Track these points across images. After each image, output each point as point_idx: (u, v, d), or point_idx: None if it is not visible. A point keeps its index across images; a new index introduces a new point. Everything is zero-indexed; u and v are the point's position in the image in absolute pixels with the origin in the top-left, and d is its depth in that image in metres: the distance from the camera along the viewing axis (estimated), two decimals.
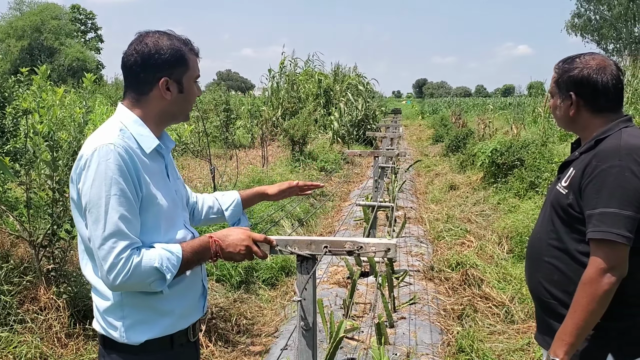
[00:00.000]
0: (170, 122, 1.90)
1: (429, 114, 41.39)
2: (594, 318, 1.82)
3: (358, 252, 1.84)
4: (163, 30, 1.82)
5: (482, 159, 10.51)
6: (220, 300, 5.07)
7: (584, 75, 1.97)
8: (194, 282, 1.87)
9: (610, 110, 1.97)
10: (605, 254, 1.79)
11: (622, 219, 1.76)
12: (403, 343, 4.20)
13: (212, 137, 15.64)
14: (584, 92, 1.98)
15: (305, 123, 13.13)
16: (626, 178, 1.78)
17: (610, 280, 1.78)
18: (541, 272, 2.06)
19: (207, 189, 7.87)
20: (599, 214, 1.80)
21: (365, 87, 22.92)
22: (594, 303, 1.80)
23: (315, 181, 2.74)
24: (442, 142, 18.43)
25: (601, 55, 2.01)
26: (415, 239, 7.34)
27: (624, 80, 1.96)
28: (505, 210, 8.09)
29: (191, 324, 1.87)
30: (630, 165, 1.79)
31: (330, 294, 5.21)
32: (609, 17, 44.09)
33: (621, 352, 1.89)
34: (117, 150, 1.65)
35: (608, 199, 1.79)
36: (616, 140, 1.88)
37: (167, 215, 1.78)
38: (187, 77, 1.80)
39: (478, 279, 5.29)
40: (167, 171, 1.88)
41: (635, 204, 1.77)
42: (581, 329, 1.83)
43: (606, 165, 1.82)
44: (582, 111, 2.01)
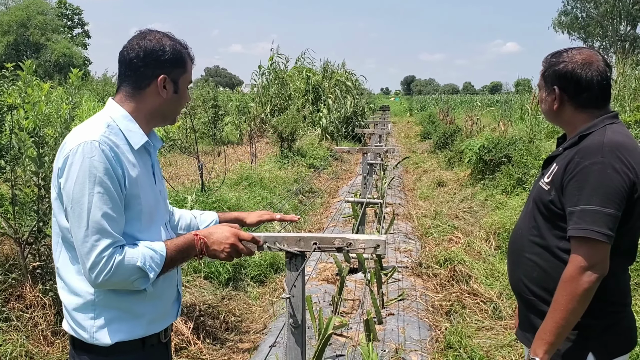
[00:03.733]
0: (159, 122, 1.89)
1: (417, 111, 41.47)
2: (575, 317, 1.80)
3: (347, 248, 1.84)
4: (163, 31, 1.84)
5: (469, 155, 10.56)
6: (208, 297, 5.05)
7: (568, 69, 1.94)
8: (168, 286, 1.85)
9: (595, 106, 1.94)
10: (586, 251, 1.77)
11: (604, 217, 1.74)
12: (392, 339, 4.21)
13: (200, 134, 15.56)
14: (568, 86, 1.95)
15: (294, 120, 13.10)
16: (608, 175, 1.76)
17: (591, 279, 1.76)
18: (522, 268, 2.05)
19: (194, 185, 7.84)
20: (580, 211, 1.78)
21: (353, 84, 22.95)
22: (574, 302, 1.77)
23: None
24: (430, 139, 18.50)
25: (590, 50, 1.97)
26: (404, 235, 7.36)
27: (611, 77, 1.93)
28: (493, 206, 8.13)
29: (163, 329, 1.85)
30: (613, 162, 1.77)
31: (319, 290, 5.21)
32: (596, 15, 44.48)
33: (602, 350, 1.89)
34: (101, 147, 1.64)
35: (589, 196, 1.77)
36: (600, 137, 1.85)
37: (148, 214, 1.77)
38: (183, 79, 1.83)
39: (466, 275, 5.31)
40: (153, 170, 1.87)
41: (616, 202, 1.75)
42: (561, 327, 1.81)
43: (588, 162, 1.80)
44: (566, 106, 1.98)
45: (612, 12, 43.38)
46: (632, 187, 1.78)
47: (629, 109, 11.20)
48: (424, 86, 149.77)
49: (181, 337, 4.24)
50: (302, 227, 8.03)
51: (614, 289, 1.90)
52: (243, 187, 8.67)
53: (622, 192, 1.76)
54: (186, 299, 4.85)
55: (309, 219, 8.65)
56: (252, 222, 2.21)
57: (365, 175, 7.10)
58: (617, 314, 1.91)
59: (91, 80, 28.48)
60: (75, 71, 4.15)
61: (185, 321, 4.42)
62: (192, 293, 5.05)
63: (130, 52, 1.77)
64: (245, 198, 7.70)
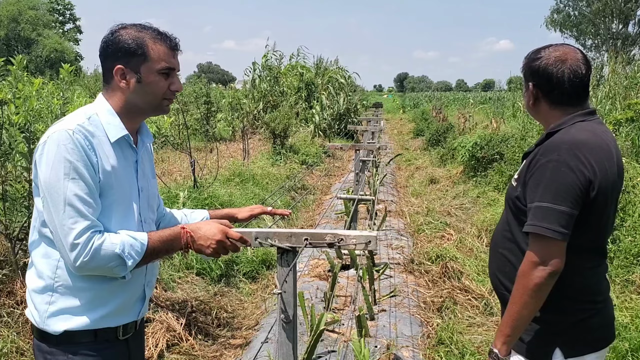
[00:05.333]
0: (139, 114, 1.86)
1: (410, 108, 41.51)
2: (528, 311, 1.82)
3: (339, 244, 1.85)
4: (142, 23, 1.82)
5: (462, 153, 10.60)
6: (200, 293, 5.05)
7: (540, 66, 1.94)
8: (132, 284, 1.82)
9: (568, 104, 1.94)
10: (537, 247, 1.79)
11: (555, 214, 1.76)
12: (383, 335, 4.22)
13: (193, 130, 15.51)
14: (541, 83, 1.96)
15: (287, 116, 13.08)
16: (562, 173, 1.77)
17: (542, 274, 1.77)
18: (496, 264, 2.09)
19: (187, 182, 7.82)
20: (534, 208, 1.80)
21: (346, 80, 22.90)
22: (525, 295, 1.80)
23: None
24: (423, 136, 18.53)
25: (569, 48, 1.96)
26: (396, 232, 7.38)
27: (587, 74, 1.91)
28: (485, 203, 8.17)
29: (121, 325, 1.83)
30: (568, 160, 1.78)
31: (311, 287, 5.22)
32: (588, 13, 44.64)
33: (569, 347, 1.90)
34: (75, 135, 1.66)
35: (543, 193, 1.79)
36: (562, 135, 1.87)
37: (123, 207, 1.77)
38: (146, 67, 1.77)
39: (457, 271, 5.34)
40: (136, 165, 1.86)
41: (569, 200, 1.76)
42: (515, 320, 1.84)
43: (545, 159, 1.82)
44: (542, 102, 1.99)
45: (604, 10, 43.54)
46: (589, 185, 1.78)
47: (620, 106, 11.26)
48: (417, 83, 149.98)
49: (173, 334, 4.24)
50: (295, 223, 8.04)
51: (581, 286, 1.91)
52: (235, 183, 8.65)
53: (575, 189, 1.76)
54: (178, 295, 4.85)
55: (301, 215, 8.65)
56: (244, 217, 2.21)
57: (357, 172, 7.11)
58: (585, 311, 1.92)
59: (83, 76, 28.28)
60: (66, 66, 4.14)
61: (177, 317, 4.42)
62: (184, 289, 5.05)
63: (99, 49, 1.80)
64: (237, 195, 7.69)
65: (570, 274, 1.85)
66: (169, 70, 1.81)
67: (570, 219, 1.77)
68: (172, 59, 1.82)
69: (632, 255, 4.83)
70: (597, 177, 1.79)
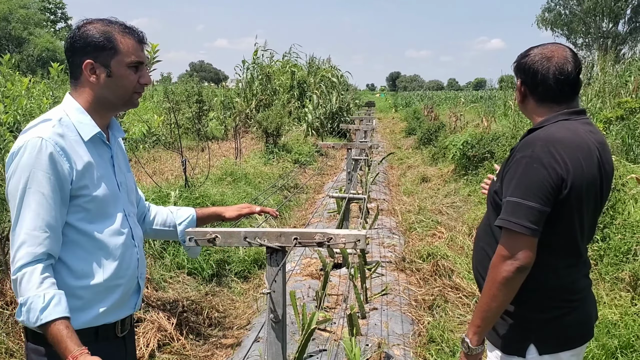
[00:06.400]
0: (110, 109, 1.85)
1: (402, 107, 41.55)
2: (497, 303, 1.83)
3: (328, 243, 1.85)
4: (107, 18, 1.81)
5: (453, 151, 10.62)
6: (191, 293, 5.04)
7: (527, 63, 1.96)
8: (128, 277, 1.84)
9: (553, 101, 1.95)
10: (506, 241, 1.80)
11: (525, 209, 1.77)
12: (375, 334, 4.23)
13: (184, 129, 15.46)
14: (527, 80, 1.97)
15: (279, 115, 13.07)
16: (533, 169, 1.79)
17: (509, 268, 1.79)
18: (477, 258, 2.11)
19: (178, 181, 7.79)
20: (506, 202, 1.82)
21: (339, 79, 22.91)
22: (494, 288, 1.82)
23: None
24: (415, 135, 18.56)
25: (558, 45, 1.97)
26: (388, 230, 7.39)
27: (574, 73, 1.91)
28: (476, 202, 8.20)
29: (119, 319, 1.84)
30: (541, 156, 1.79)
31: (303, 286, 5.22)
32: (579, 12, 44.85)
33: (543, 344, 1.91)
34: (45, 144, 1.65)
35: (515, 188, 1.81)
36: (541, 132, 1.88)
37: (100, 204, 1.76)
38: (116, 61, 1.76)
39: (448, 269, 5.36)
40: (113, 161, 1.86)
41: (539, 196, 1.77)
42: (484, 312, 1.86)
43: (520, 155, 1.84)
44: (529, 99, 2.00)
45: (594, 9, 43.76)
46: (561, 183, 1.79)
47: (609, 105, 11.33)
48: (409, 82, 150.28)
49: (164, 333, 4.23)
50: (287, 222, 8.04)
51: (555, 284, 1.92)
52: (227, 182, 8.64)
53: (547, 186, 1.77)
54: (169, 294, 4.84)
55: (293, 214, 8.65)
56: (232, 216, 2.19)
57: (349, 171, 7.12)
58: (559, 309, 1.93)
59: None
60: (56, 65, 4.12)
61: (168, 317, 4.41)
62: (175, 289, 5.04)
63: (64, 45, 1.79)
64: (229, 194, 7.68)
65: (544, 272, 1.86)
66: (138, 63, 1.80)
67: (541, 215, 1.78)
68: (140, 52, 1.81)
69: (622, 253, 4.85)
70: (571, 174, 1.79)
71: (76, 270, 1.72)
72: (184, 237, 2.07)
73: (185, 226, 2.15)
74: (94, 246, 1.75)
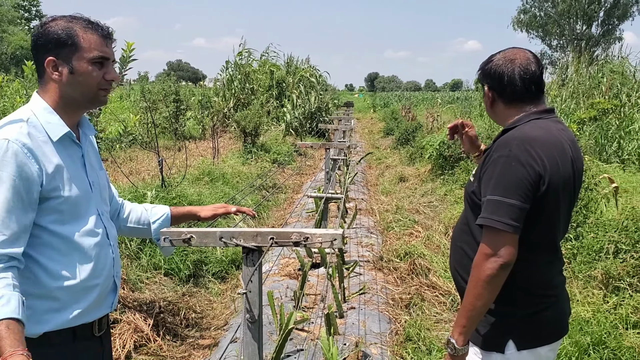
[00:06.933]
0: (77, 107, 1.81)
1: (381, 107, 41.75)
2: (482, 302, 1.85)
3: (305, 243, 1.85)
4: (72, 14, 1.78)
5: (430, 151, 10.71)
6: (168, 294, 5.00)
7: (491, 67, 2.01)
8: (103, 277, 1.82)
9: (522, 101, 1.99)
10: (488, 239, 1.83)
11: (505, 207, 1.80)
12: (352, 333, 4.25)
13: (162, 129, 15.34)
14: (494, 84, 2.02)
15: (257, 115, 13.03)
16: (512, 167, 1.82)
17: (493, 266, 1.81)
18: (455, 257, 2.13)
19: (155, 181, 7.73)
20: (486, 201, 1.85)
21: (317, 79, 22.93)
22: (478, 287, 1.84)
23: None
24: (393, 135, 18.65)
25: (518, 49, 2.03)
26: (366, 230, 7.43)
27: (537, 72, 1.97)
28: (452, 201, 8.27)
29: (97, 319, 1.83)
30: (519, 155, 1.83)
31: (281, 286, 5.22)
32: (553, 14, 45.60)
33: (522, 339, 1.94)
34: (11, 146, 1.62)
35: (494, 187, 1.84)
36: (515, 131, 1.92)
37: (72, 205, 1.74)
38: (78, 57, 1.73)
39: (425, 268, 5.40)
40: (83, 160, 1.84)
41: (519, 193, 1.80)
42: (470, 311, 1.87)
43: (497, 154, 1.87)
44: (498, 102, 2.04)
45: (568, 12, 44.55)
46: (539, 180, 1.83)
47: (583, 106, 11.54)
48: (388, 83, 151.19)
49: (141, 334, 4.19)
50: (265, 222, 8.02)
51: (533, 280, 1.96)
52: (205, 182, 8.59)
53: (525, 183, 1.81)
54: (145, 295, 4.79)
55: (272, 214, 8.64)
56: (207, 216, 2.18)
57: (328, 171, 7.13)
58: (538, 305, 1.97)
59: None
60: (30, 64, 4.06)
61: (145, 318, 4.37)
62: (152, 290, 4.99)
63: (30, 43, 1.76)
64: (206, 194, 7.63)
65: (523, 268, 1.89)
66: (102, 59, 1.76)
67: (521, 212, 1.81)
68: (104, 47, 1.77)
69: (594, 251, 4.94)
70: (548, 172, 1.83)
71: (52, 272, 1.70)
72: (158, 235, 2.05)
73: (159, 225, 2.13)
74: (68, 247, 1.73)
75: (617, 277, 4.50)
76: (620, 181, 6.90)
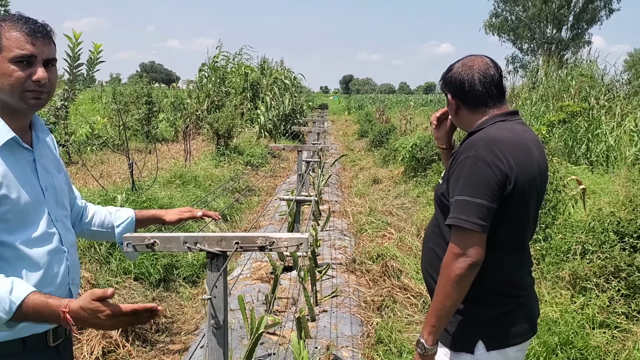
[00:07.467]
0: (13, 111, 1.71)
1: (355, 109, 41.93)
2: (451, 301, 1.87)
3: (270, 247, 1.83)
4: (10, 14, 1.70)
5: (402, 153, 10.79)
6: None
7: (452, 76, 2.05)
8: (55, 285, 1.74)
9: (485, 105, 2.02)
10: (457, 239, 1.85)
11: (473, 207, 1.82)
12: (324, 336, 4.24)
13: (133, 131, 15.16)
14: (455, 91, 2.05)
15: (231, 116, 12.95)
16: (478, 168, 1.85)
17: (462, 265, 1.83)
18: (426, 258, 2.15)
19: (126, 184, 7.62)
20: (455, 202, 1.87)
21: (292, 81, 22.91)
22: (448, 286, 1.85)
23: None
24: (367, 137, 18.73)
25: (475, 55, 2.06)
26: (339, 232, 7.43)
27: (496, 75, 2.00)
28: (424, 203, 8.33)
29: (50, 329, 1.75)
30: (485, 155, 1.85)
31: (252, 289, 5.18)
32: (524, 18, 46.38)
33: (491, 339, 1.96)
34: None
35: (462, 187, 1.86)
36: (481, 133, 1.95)
37: (21, 213, 1.67)
38: (1, 58, 1.63)
39: (397, 270, 5.41)
40: (35, 165, 1.77)
41: (486, 193, 1.83)
42: (439, 311, 1.89)
43: (464, 155, 1.90)
44: (462, 109, 2.07)
45: (539, 15, 45.36)
46: (505, 180, 1.85)
47: (553, 108, 11.73)
48: (362, 85, 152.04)
49: (109, 340, 4.12)
50: (238, 225, 7.97)
51: (502, 280, 1.98)
52: (176, 185, 8.50)
53: (492, 183, 1.83)
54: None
55: (245, 217, 8.58)
56: (172, 220, 2.14)
57: (300, 173, 7.11)
58: (507, 305, 1.99)
59: None
60: None
61: None
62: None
63: None
64: (178, 197, 7.55)
65: (492, 268, 1.91)
66: (26, 57, 1.64)
67: (489, 212, 1.83)
68: (28, 44, 1.64)
69: (562, 252, 5.02)
70: (514, 172, 1.86)
71: None
72: (121, 239, 1.98)
73: (123, 228, 2.09)
74: (15, 257, 1.65)
75: (584, 278, 4.57)
76: (588, 182, 7.03)
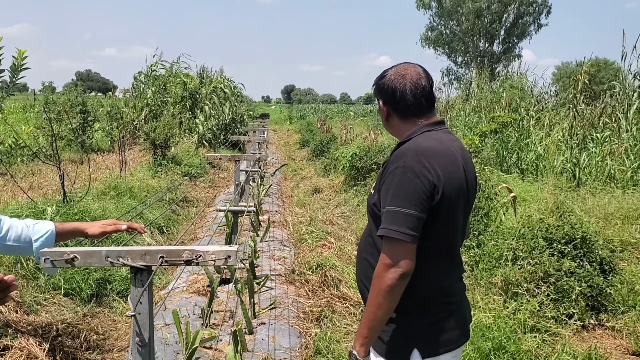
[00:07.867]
0: None
1: (297, 119, 42.01)
2: (383, 311, 1.88)
3: (197, 261, 1.78)
4: None
5: (343, 163, 10.88)
6: (68, 315, 4.71)
7: (384, 82, 2.07)
8: None
9: (415, 115, 2.05)
10: (388, 250, 1.86)
11: (402, 217, 1.84)
12: (262, 349, 4.18)
13: (67, 141, 14.61)
14: (387, 99, 2.08)
15: (168, 126, 12.67)
16: (407, 178, 1.87)
17: (393, 276, 1.84)
18: (360, 269, 2.15)
19: (56, 196, 7.31)
20: (385, 212, 1.89)
21: (232, 90, 22.71)
22: (379, 297, 1.86)
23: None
24: (309, 147, 18.79)
25: (409, 64, 2.09)
26: (279, 242, 7.37)
27: (427, 86, 2.04)
28: (363, 211, 8.39)
29: None
30: (413, 166, 1.88)
31: (189, 303, 5.06)
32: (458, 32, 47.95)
33: (426, 347, 1.98)
34: None
35: (392, 198, 1.88)
36: (410, 143, 1.98)
37: None
38: None
39: (336, 279, 5.42)
40: None
41: (415, 203, 1.85)
42: (371, 321, 1.90)
43: (393, 166, 1.92)
44: (393, 116, 2.10)
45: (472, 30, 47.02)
46: (433, 189, 1.88)
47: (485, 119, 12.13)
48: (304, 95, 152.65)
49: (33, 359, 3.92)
50: (175, 237, 7.78)
51: (433, 289, 2.01)
52: (110, 197, 8.22)
53: (421, 194, 1.85)
54: (42, 318, 4.49)
55: (182, 228, 8.39)
56: (95, 233, 2.05)
57: (237, 184, 7.03)
58: (439, 313, 2.02)
59: None
60: None
61: (40, 343, 4.08)
62: (49, 312, 4.69)
63: None
64: (111, 209, 7.30)
65: (422, 277, 1.93)
66: None
67: (418, 221, 1.85)
68: None
69: (495, 258, 5.17)
70: (442, 181, 1.88)
71: None
72: (39, 255, 1.89)
73: (41, 243, 1.98)
74: None
75: (515, 283, 4.72)
76: (519, 190, 7.29)
